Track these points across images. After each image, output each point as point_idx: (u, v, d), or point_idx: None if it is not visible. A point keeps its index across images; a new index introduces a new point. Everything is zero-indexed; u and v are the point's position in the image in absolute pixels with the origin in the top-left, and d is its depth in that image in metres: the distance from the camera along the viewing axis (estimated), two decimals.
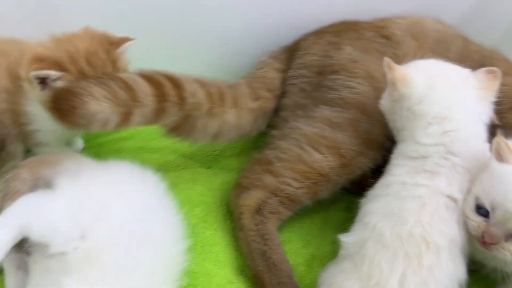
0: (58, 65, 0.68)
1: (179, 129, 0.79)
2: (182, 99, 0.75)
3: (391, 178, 0.71)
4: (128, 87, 0.69)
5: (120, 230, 0.60)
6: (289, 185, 0.78)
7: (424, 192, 0.67)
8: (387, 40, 0.89)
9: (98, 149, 0.92)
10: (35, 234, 0.58)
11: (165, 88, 0.73)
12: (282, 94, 0.91)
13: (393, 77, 0.71)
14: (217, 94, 0.81)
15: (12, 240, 0.58)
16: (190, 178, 0.87)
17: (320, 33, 0.94)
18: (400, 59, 0.80)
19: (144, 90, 0.71)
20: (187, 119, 0.78)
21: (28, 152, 0.82)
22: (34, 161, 0.72)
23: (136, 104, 0.70)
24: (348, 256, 0.68)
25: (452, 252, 0.64)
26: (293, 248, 0.80)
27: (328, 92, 0.84)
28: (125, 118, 0.70)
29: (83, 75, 0.69)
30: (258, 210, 0.78)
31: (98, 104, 0.66)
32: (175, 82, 0.75)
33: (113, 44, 0.74)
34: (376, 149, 0.81)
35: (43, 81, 0.68)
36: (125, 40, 0.75)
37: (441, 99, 0.70)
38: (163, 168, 0.77)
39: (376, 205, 0.70)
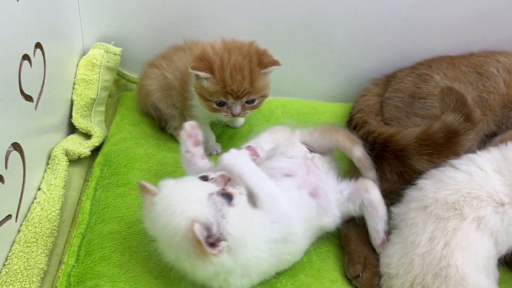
0: (209, 68, 0.84)
1: None
2: None
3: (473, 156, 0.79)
4: None
5: None
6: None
7: (479, 175, 0.74)
8: (480, 76, 1.00)
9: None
10: None
11: None
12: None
13: None
14: None
15: None
16: None
17: (414, 67, 1.13)
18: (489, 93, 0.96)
19: None
20: None
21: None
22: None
23: None
24: (395, 226, 0.78)
25: (480, 228, 0.70)
26: None
27: (419, 109, 1.01)
28: None
29: (223, 82, 0.83)
30: None
31: None
32: None
33: (260, 65, 0.84)
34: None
35: (197, 74, 0.85)
36: (272, 63, 0.84)
37: None
38: None
39: (436, 172, 0.78)
